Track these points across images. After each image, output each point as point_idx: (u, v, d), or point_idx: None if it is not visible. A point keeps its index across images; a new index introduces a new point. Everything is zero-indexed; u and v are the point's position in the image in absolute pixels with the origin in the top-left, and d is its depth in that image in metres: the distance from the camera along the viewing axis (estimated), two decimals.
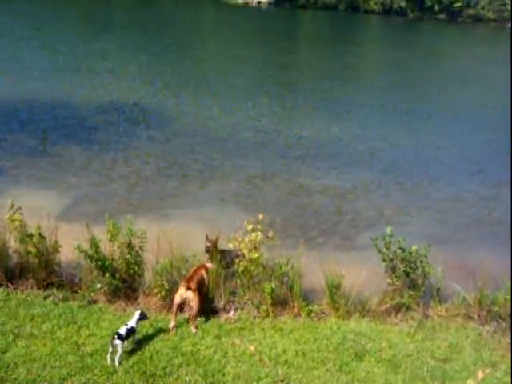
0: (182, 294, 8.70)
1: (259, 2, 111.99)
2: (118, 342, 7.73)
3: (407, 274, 9.63)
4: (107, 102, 24.83)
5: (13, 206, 9.45)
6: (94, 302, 9.36)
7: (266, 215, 9.68)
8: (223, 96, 28.43)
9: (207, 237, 9.78)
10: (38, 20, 53.16)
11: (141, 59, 36.93)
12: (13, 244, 9.71)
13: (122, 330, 7.92)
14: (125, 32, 51.22)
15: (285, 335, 8.81)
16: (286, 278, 9.51)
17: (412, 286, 9.68)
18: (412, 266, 9.59)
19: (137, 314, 8.34)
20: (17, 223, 9.43)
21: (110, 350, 7.77)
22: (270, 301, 9.26)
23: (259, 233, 9.28)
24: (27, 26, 47.63)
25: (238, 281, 9.60)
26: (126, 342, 7.92)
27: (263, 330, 8.92)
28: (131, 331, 8.07)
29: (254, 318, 9.27)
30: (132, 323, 8.16)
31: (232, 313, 9.36)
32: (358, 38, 68.62)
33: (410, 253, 9.54)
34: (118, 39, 45.35)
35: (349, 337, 8.76)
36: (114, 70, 32.45)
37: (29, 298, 9.26)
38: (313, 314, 9.45)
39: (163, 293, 9.25)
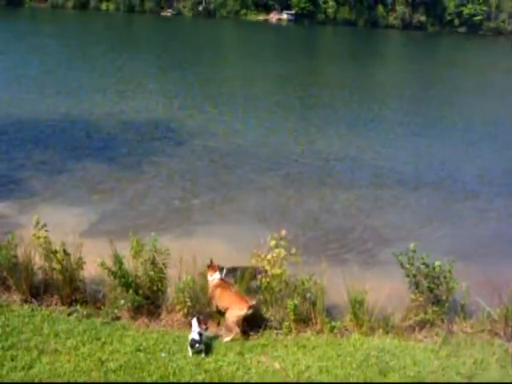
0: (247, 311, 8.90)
1: (279, 19, 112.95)
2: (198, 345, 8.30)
3: (431, 290, 9.53)
4: (133, 120, 25.21)
5: (38, 223, 9.55)
6: (118, 318, 9.40)
7: (288, 231, 9.68)
8: (247, 112, 28.69)
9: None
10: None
11: (164, 77, 37.48)
12: (38, 260, 9.81)
13: (195, 336, 8.34)
14: (148, 51, 51.98)
15: (308, 352, 8.75)
16: (308, 294, 9.47)
17: (436, 301, 9.57)
18: (436, 281, 9.49)
19: (194, 321, 8.53)
20: (42, 240, 9.53)
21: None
22: (292, 317, 9.23)
23: (282, 249, 9.28)
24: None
25: (261, 297, 9.59)
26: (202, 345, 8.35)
27: (286, 346, 8.88)
28: (201, 335, 8.41)
29: (277, 334, 9.23)
30: (196, 329, 8.43)
31: (255, 329, 9.32)
32: (378, 53, 68.76)
33: (434, 268, 9.45)
34: (140, 58, 46.08)
35: (372, 353, 8.67)
36: (138, 89, 32.89)
37: (53, 315, 9.31)
38: (336, 331, 9.39)
39: (185, 310, 9.27)
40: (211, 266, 9.46)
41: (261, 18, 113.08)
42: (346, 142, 23.91)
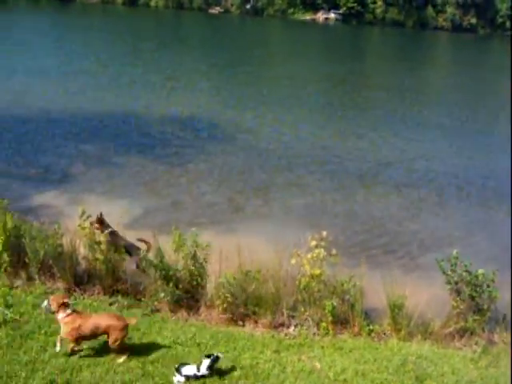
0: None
1: (326, 19, 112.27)
2: None
3: (472, 298, 9.36)
4: (180, 116, 25.57)
5: (83, 214, 9.76)
6: (157, 310, 9.54)
7: (329, 232, 9.65)
8: (295, 112, 28.59)
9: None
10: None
11: (214, 75, 37.76)
12: (82, 250, 10.05)
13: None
14: (197, 48, 52.45)
15: (344, 354, 8.72)
16: (347, 296, 9.43)
17: (477, 310, 9.39)
18: (478, 289, 9.32)
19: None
20: (86, 230, 9.75)
21: None
22: (330, 318, 9.21)
23: (322, 249, 9.26)
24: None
25: (299, 296, 9.59)
26: None
27: (322, 347, 8.86)
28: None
29: (314, 334, 9.23)
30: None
31: (292, 328, 9.35)
32: (428, 56, 67.57)
33: (477, 276, 9.28)
34: (190, 55, 46.55)
35: (410, 359, 8.58)
36: (188, 87, 33.27)
37: (95, 304, 9.51)
38: (373, 334, 9.33)
39: (225, 305, 9.35)
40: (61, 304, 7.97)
41: (308, 17, 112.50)
42: (392, 144, 23.65)
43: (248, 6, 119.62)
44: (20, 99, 26.76)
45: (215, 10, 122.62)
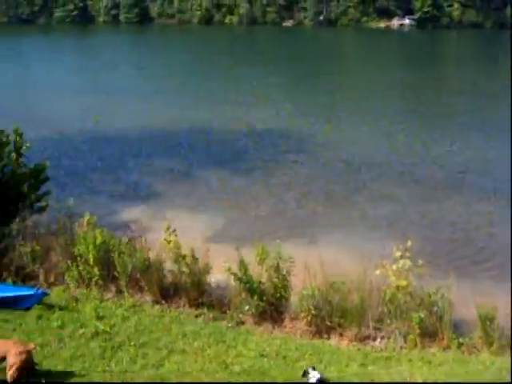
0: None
1: (401, 25, 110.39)
2: None
3: None
4: (260, 130, 25.88)
5: (168, 228, 10.01)
6: (242, 323, 9.60)
7: (414, 242, 9.43)
8: (375, 122, 28.16)
9: None
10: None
11: (290, 87, 37.93)
12: (168, 264, 10.29)
13: None
14: (272, 62, 52.84)
15: (433, 368, 8.44)
16: (435, 308, 9.15)
17: None
18: None
19: None
20: (172, 244, 9.97)
21: None
22: (417, 331, 8.96)
23: (407, 260, 9.06)
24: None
25: (385, 308, 9.40)
26: None
27: (410, 360, 8.62)
28: None
29: (401, 347, 9.00)
30: None
31: (378, 341, 9.17)
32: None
33: None
34: (266, 69, 46.99)
35: (504, 374, 8.21)
36: (266, 100, 33.51)
37: (181, 316, 9.69)
38: (463, 348, 8.98)
39: (309, 318, 9.29)
40: None
41: (382, 24, 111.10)
42: (478, 152, 22.75)
43: (321, 17, 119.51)
44: (107, 119, 28.07)
45: (289, 23, 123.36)
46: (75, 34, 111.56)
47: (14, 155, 11.28)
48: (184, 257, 9.94)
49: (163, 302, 10.07)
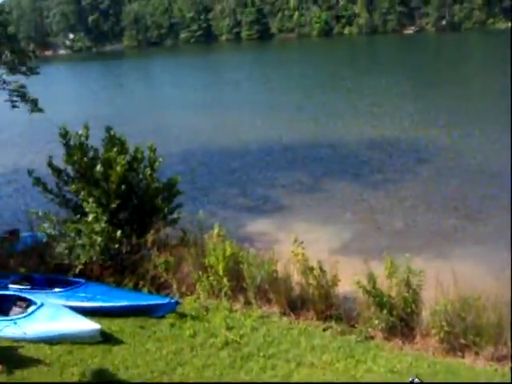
0: None
1: None
2: None
3: None
4: (386, 141, 25.36)
5: (296, 241, 10.04)
6: (371, 337, 9.39)
7: None
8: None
9: None
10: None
11: (413, 98, 36.90)
12: (295, 276, 10.32)
13: None
14: (395, 74, 51.78)
15: None
16: None
17: None
18: None
19: None
20: (299, 257, 9.99)
21: None
22: None
23: None
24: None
25: None
26: None
27: None
28: None
29: None
30: None
31: None
32: None
33: None
34: (389, 78, 46.15)
35: None
36: (391, 110, 32.91)
37: (309, 329, 9.65)
38: None
39: (442, 334, 8.91)
40: None
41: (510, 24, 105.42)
42: None
43: (444, 22, 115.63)
44: (232, 133, 29.00)
45: (410, 30, 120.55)
46: (200, 53, 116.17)
47: (148, 170, 11.88)
48: (312, 269, 9.90)
49: (291, 313, 10.07)
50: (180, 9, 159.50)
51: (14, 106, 16.54)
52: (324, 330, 9.62)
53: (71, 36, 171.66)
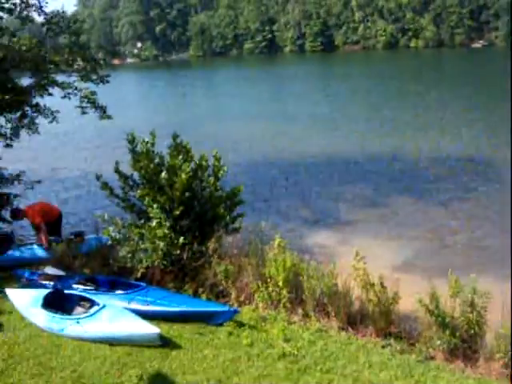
0: None
1: None
2: None
3: None
4: (455, 157, 24.83)
5: (357, 255, 9.93)
6: (432, 358, 9.15)
7: None
8: None
9: None
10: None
11: (484, 114, 36.03)
12: (355, 291, 10.20)
13: None
14: (464, 88, 50.72)
15: None
16: None
17: None
18: None
19: None
20: (360, 272, 9.87)
21: None
22: None
23: None
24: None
25: None
26: None
27: None
28: None
29: None
30: None
31: None
32: None
33: None
34: (458, 96, 45.30)
35: None
36: (460, 126, 32.11)
37: (368, 345, 9.49)
38: None
39: (506, 359, 8.60)
40: None
41: None
42: None
43: None
44: (297, 145, 29.13)
45: (478, 44, 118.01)
46: (263, 63, 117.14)
47: (212, 179, 12.02)
48: (372, 285, 9.77)
49: (349, 329, 9.95)
50: (246, 20, 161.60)
51: (83, 112, 17.02)
52: (383, 347, 9.44)
53: (139, 45, 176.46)
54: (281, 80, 76.85)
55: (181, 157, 11.73)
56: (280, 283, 10.43)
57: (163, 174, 11.57)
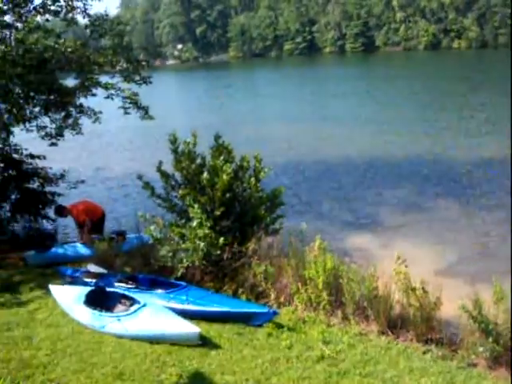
0: None
1: None
2: None
3: None
4: (492, 161, 24.30)
5: (399, 259, 9.82)
6: (474, 365, 8.97)
7: None
8: None
9: None
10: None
11: None
12: (396, 295, 10.08)
13: None
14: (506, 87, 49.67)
15: None
16: None
17: None
18: None
19: None
20: (401, 275, 9.75)
21: None
22: None
23: None
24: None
25: None
26: None
27: None
28: None
29: None
30: None
31: None
32: None
33: None
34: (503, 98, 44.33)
35: None
36: (499, 126, 31.55)
37: (408, 350, 9.36)
38: None
39: None
40: None
41: None
42: None
43: None
44: (338, 147, 29.06)
45: None
46: (303, 65, 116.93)
47: (253, 180, 12.05)
48: (414, 289, 9.64)
49: (389, 333, 9.83)
50: (285, 21, 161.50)
51: (126, 113, 17.27)
52: (424, 352, 9.30)
53: (179, 46, 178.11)
54: (322, 81, 76.59)
55: (222, 157, 11.80)
56: (320, 285, 10.39)
57: (205, 175, 11.66)
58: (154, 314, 9.86)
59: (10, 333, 10.24)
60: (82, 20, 17.08)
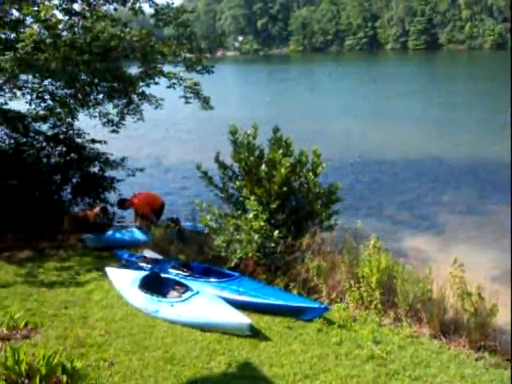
0: None
1: None
2: None
3: None
4: None
5: (455, 262, 9.64)
6: None
7: None
8: None
9: None
10: None
11: None
12: (451, 299, 9.91)
13: None
14: None
15: None
16: None
17: None
18: None
19: None
20: (457, 279, 9.58)
21: None
22: None
23: None
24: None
25: None
26: None
27: None
28: None
29: None
30: None
31: None
32: None
33: None
34: None
35: None
36: None
37: (460, 356, 9.18)
38: None
39: None
40: None
41: None
42: None
43: None
44: (397, 146, 28.70)
45: None
46: (364, 61, 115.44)
47: (311, 174, 12.03)
48: (469, 294, 9.45)
49: (442, 337, 9.67)
50: (348, 15, 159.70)
51: (187, 102, 17.44)
52: (476, 359, 9.11)
53: (240, 38, 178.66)
54: (384, 78, 75.38)
55: (281, 151, 11.81)
56: (373, 284, 10.31)
57: (262, 167, 11.70)
58: (207, 302, 10.00)
59: (67, 311, 10.62)
60: (148, 9, 17.36)
